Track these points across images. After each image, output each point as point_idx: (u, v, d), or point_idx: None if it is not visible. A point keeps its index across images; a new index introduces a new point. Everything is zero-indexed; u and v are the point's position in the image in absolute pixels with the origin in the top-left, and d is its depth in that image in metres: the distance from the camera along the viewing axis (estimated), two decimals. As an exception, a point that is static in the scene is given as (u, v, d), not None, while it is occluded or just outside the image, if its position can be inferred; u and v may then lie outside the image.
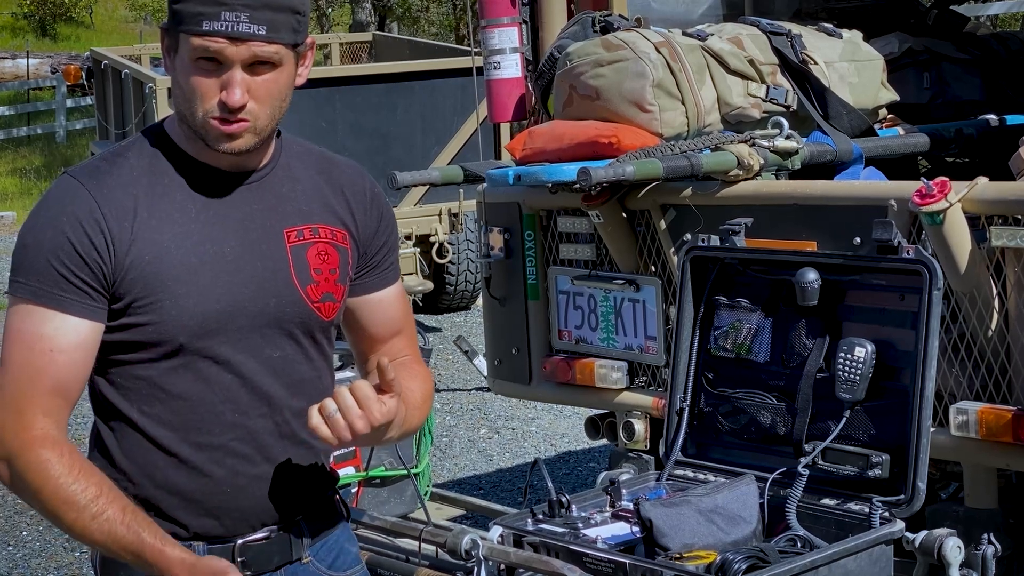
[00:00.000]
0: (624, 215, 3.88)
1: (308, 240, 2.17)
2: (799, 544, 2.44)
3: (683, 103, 3.79)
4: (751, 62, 3.89)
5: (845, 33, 4.15)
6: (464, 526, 3.27)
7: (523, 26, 4.31)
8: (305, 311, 2.16)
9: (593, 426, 4.29)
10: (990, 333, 3.15)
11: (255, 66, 2.04)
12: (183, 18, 2.03)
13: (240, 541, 2.14)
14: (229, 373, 2.11)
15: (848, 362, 2.56)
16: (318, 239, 2.18)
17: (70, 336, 2.03)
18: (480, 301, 9.30)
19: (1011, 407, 3.11)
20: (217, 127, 2.05)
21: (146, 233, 2.06)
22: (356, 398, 2.03)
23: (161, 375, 2.08)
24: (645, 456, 3.94)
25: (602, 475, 3.47)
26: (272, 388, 2.14)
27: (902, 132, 4.17)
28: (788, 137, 3.70)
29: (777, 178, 3.68)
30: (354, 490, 4.08)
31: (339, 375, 2.66)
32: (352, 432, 2.03)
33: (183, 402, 2.09)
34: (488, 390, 6.81)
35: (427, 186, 7.35)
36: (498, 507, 4.66)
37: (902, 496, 2.46)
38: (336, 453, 2.33)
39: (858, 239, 3.28)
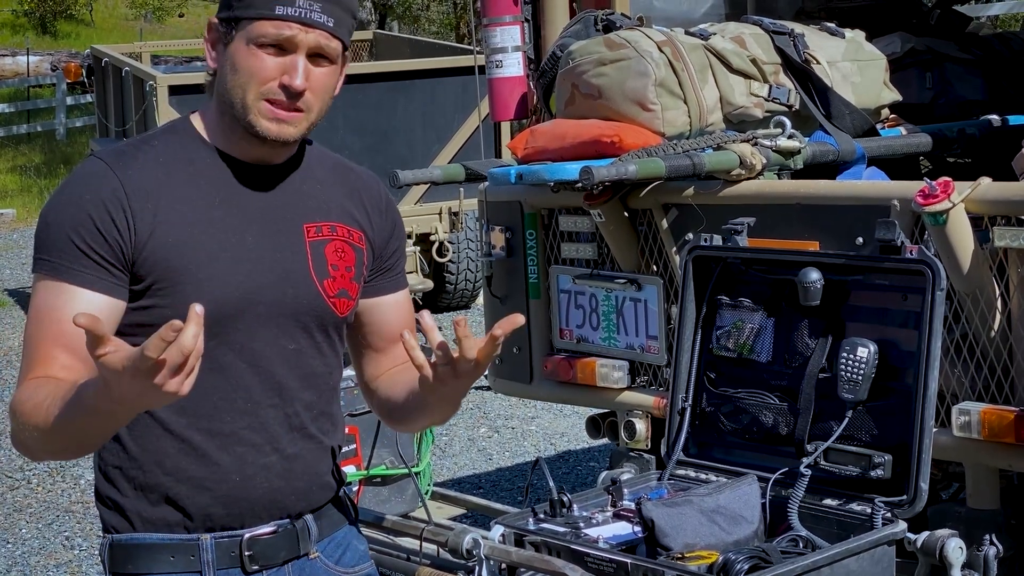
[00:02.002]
0: (626, 214, 3.87)
1: (326, 236, 2.20)
2: (801, 544, 2.44)
3: (685, 102, 3.78)
4: (753, 61, 3.89)
5: (848, 33, 4.15)
6: (465, 525, 3.27)
7: (525, 24, 4.31)
8: (321, 305, 2.18)
9: (594, 425, 4.29)
10: (993, 334, 3.14)
11: (315, 58, 2.10)
12: (252, 3, 2.07)
13: (247, 535, 2.15)
14: (244, 361, 2.12)
15: (850, 362, 2.56)
16: (336, 236, 2.21)
17: (80, 307, 2.03)
18: (480, 300, 9.30)
19: (1013, 408, 3.10)
20: (271, 109, 2.09)
21: (169, 217, 2.09)
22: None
23: None
24: (646, 456, 3.94)
25: (603, 475, 3.47)
26: (285, 379, 2.16)
27: (904, 132, 4.17)
28: (790, 137, 3.69)
29: (779, 178, 3.67)
30: (355, 489, 4.08)
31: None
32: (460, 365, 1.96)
33: (197, 388, 2.10)
34: (488, 389, 6.81)
35: (428, 185, 7.35)
36: (499, 506, 4.65)
37: (904, 497, 2.46)
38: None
39: (861, 239, 3.27)
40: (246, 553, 2.15)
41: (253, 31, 2.07)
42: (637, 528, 2.50)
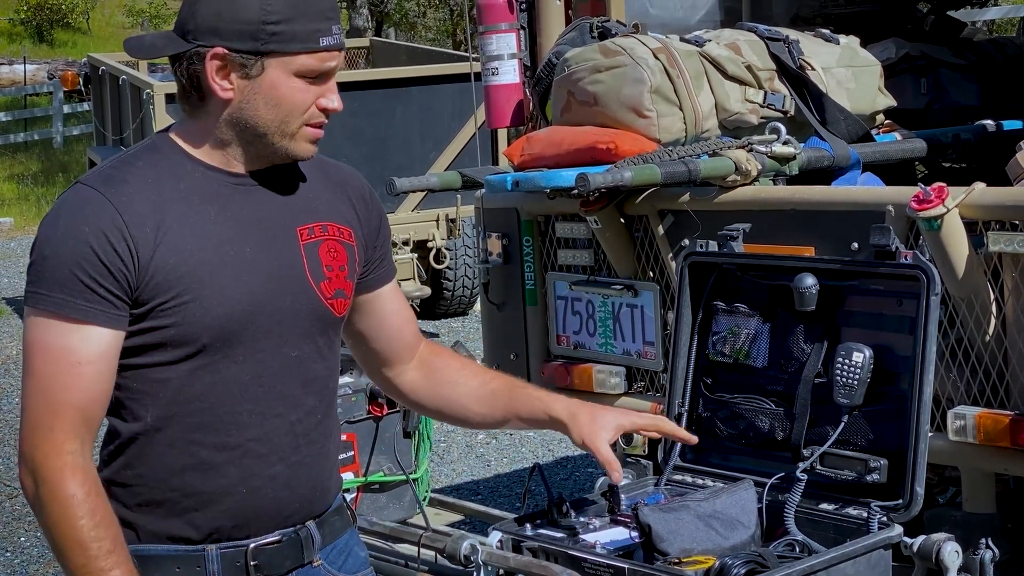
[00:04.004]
0: (622, 220, 3.88)
1: (319, 237, 2.21)
2: (797, 549, 2.44)
3: (681, 109, 3.80)
4: (749, 68, 3.90)
5: (842, 39, 4.16)
6: (463, 531, 3.28)
7: (521, 32, 4.32)
8: (320, 308, 2.19)
9: (591, 431, 4.29)
10: (988, 338, 3.15)
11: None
12: (295, 37, 2.08)
13: (253, 544, 2.15)
14: (248, 373, 2.13)
15: (846, 367, 2.57)
16: (328, 236, 2.22)
17: (95, 347, 2.04)
18: (478, 307, 9.29)
19: (1008, 412, 3.11)
20: (313, 132, 2.15)
21: (168, 237, 2.08)
22: None
23: (181, 377, 2.09)
24: (643, 461, 3.93)
25: (600, 480, 3.47)
26: (288, 387, 2.17)
27: (899, 137, 4.18)
28: (786, 143, 3.71)
29: (775, 183, 3.69)
30: (353, 495, 4.08)
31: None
32: None
33: (202, 404, 2.10)
34: (486, 395, 6.79)
35: (425, 192, 7.37)
36: (497, 512, 4.65)
37: (900, 501, 2.47)
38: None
39: (856, 244, 3.28)
40: (251, 563, 2.15)
41: (296, 63, 2.09)
42: (634, 533, 2.50)
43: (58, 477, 2.01)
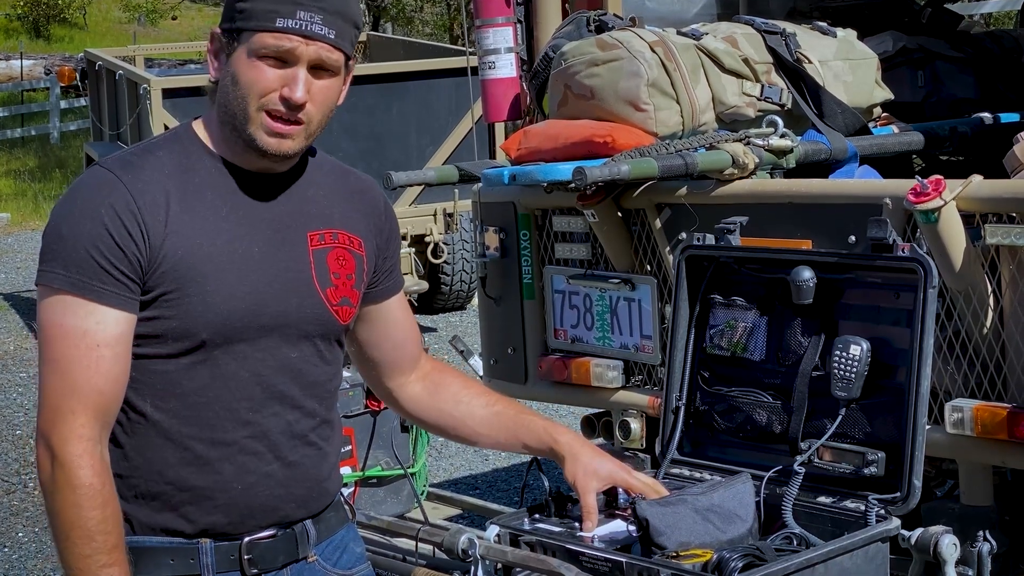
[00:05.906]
0: (619, 214, 3.88)
1: (328, 244, 2.21)
2: (795, 542, 2.44)
3: (678, 102, 3.79)
4: (746, 61, 3.90)
5: (839, 32, 4.16)
6: (461, 525, 3.28)
7: (518, 26, 4.31)
8: (324, 314, 2.19)
9: (589, 425, 4.29)
10: (985, 331, 3.15)
11: (316, 70, 2.10)
12: (253, 15, 2.07)
13: (247, 539, 2.16)
14: (246, 371, 2.13)
15: (844, 360, 2.57)
16: (337, 244, 2.23)
17: (112, 329, 2.04)
18: (475, 301, 9.28)
19: (1006, 404, 3.11)
20: (271, 123, 2.09)
21: (179, 228, 2.08)
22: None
23: (179, 370, 2.10)
24: (641, 455, 3.94)
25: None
26: (287, 388, 2.17)
27: (896, 130, 4.18)
28: (783, 136, 3.70)
29: (772, 177, 3.68)
30: (351, 490, 4.08)
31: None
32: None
33: (199, 398, 2.11)
34: (484, 390, 6.79)
35: (422, 186, 7.37)
36: (495, 506, 4.66)
37: (898, 494, 2.47)
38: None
39: (853, 237, 3.28)
40: (245, 557, 2.15)
41: (254, 43, 2.07)
42: (632, 527, 2.50)
43: (76, 463, 2.01)
